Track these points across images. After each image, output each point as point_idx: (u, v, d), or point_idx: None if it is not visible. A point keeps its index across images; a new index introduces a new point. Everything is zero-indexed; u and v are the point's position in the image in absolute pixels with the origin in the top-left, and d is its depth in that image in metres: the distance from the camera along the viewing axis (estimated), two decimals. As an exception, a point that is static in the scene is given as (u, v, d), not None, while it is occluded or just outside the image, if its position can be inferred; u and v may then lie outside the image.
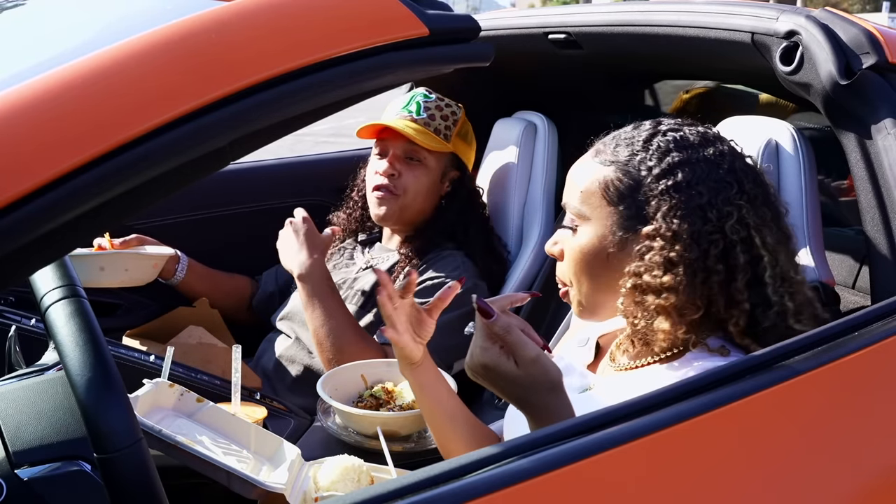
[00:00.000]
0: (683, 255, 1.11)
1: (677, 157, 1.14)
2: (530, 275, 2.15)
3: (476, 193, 2.19)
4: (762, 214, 1.14)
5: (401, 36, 0.89)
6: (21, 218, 0.69)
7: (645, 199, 1.15)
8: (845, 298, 1.67)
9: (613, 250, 1.17)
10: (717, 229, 1.11)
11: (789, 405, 0.99)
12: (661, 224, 1.12)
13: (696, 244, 1.11)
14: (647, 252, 1.13)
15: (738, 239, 1.12)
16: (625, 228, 1.16)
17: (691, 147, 1.16)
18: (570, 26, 1.92)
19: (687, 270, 1.11)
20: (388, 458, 1.34)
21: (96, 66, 0.77)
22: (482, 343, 1.09)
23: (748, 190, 1.14)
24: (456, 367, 1.99)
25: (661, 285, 1.11)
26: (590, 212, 1.19)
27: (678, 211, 1.12)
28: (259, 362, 2.10)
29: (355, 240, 2.24)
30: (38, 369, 1.19)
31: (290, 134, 0.86)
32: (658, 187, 1.14)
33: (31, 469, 0.98)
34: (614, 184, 1.17)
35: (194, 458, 1.21)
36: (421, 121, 2.08)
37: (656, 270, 1.12)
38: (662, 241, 1.12)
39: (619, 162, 1.18)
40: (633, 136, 1.20)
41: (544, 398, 1.07)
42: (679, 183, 1.13)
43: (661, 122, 1.21)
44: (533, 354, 1.07)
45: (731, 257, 1.12)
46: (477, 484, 0.80)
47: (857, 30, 1.37)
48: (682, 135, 1.17)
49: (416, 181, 2.08)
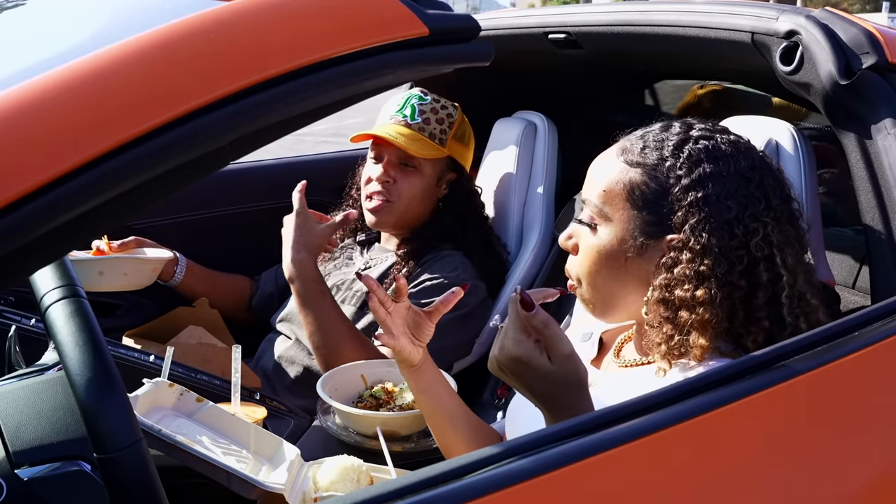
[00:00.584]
0: (714, 270, 1.09)
1: (709, 168, 1.12)
2: (530, 275, 2.15)
3: (474, 194, 2.17)
4: (786, 232, 1.13)
5: (401, 36, 0.89)
6: (21, 218, 0.69)
7: (671, 208, 1.13)
8: (845, 298, 1.67)
9: (632, 255, 1.15)
10: (742, 245, 1.11)
11: (789, 405, 0.99)
12: (689, 236, 1.11)
13: (725, 259, 1.10)
14: (674, 265, 1.12)
15: (761, 256, 1.11)
16: (647, 234, 1.15)
17: (723, 158, 1.13)
18: (570, 26, 1.92)
19: (716, 285, 1.09)
20: (387, 459, 1.34)
21: (96, 66, 0.77)
22: (516, 335, 1.06)
23: (775, 206, 1.13)
24: (456, 367, 1.99)
25: (694, 300, 1.10)
26: (612, 212, 1.17)
27: (707, 224, 1.10)
28: (259, 362, 2.10)
29: (354, 240, 2.24)
30: (38, 369, 1.19)
31: (290, 134, 0.86)
32: (687, 198, 1.12)
33: (31, 469, 0.98)
34: (640, 188, 1.15)
35: (194, 457, 1.21)
36: (415, 126, 2.06)
37: (687, 284, 1.10)
38: (691, 254, 1.10)
39: (646, 165, 1.16)
40: (664, 139, 1.17)
41: (571, 395, 1.06)
42: (709, 196, 1.11)
43: (692, 127, 1.18)
44: (567, 350, 1.06)
45: (753, 274, 1.11)
46: (477, 484, 0.80)
47: (857, 30, 1.37)
48: (715, 144, 1.15)
49: (411, 187, 2.06)
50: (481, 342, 2.02)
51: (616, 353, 1.28)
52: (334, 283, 2.10)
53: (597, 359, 1.32)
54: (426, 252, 2.05)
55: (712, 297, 1.09)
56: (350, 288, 2.07)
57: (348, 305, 2.04)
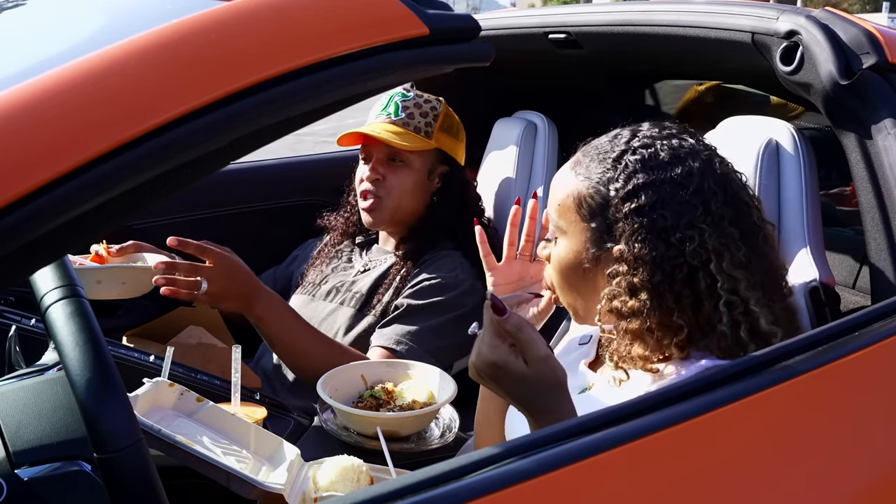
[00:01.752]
0: (647, 281, 1.10)
1: (642, 178, 1.13)
2: (530, 275, 2.14)
3: (468, 185, 2.17)
4: (727, 235, 1.12)
5: (401, 36, 0.89)
6: (21, 218, 0.69)
7: (613, 219, 1.15)
8: (845, 298, 1.67)
9: (589, 265, 1.18)
10: (679, 253, 1.10)
11: (789, 405, 0.99)
12: (625, 247, 1.12)
13: (660, 269, 1.10)
14: (615, 276, 1.14)
15: (698, 264, 1.10)
16: (597, 245, 1.17)
17: (659, 167, 1.14)
18: (570, 26, 1.92)
19: (652, 295, 1.10)
20: (387, 459, 1.34)
21: (96, 66, 0.77)
22: (491, 340, 1.08)
23: (714, 210, 1.12)
24: (456, 367, 1.99)
25: (630, 310, 1.11)
26: (566, 225, 1.20)
27: (640, 235, 1.11)
28: (259, 362, 2.10)
29: (353, 242, 2.24)
30: (38, 369, 1.18)
31: (290, 134, 0.86)
32: (623, 209, 1.13)
33: (31, 469, 0.98)
34: (586, 200, 1.17)
35: (194, 457, 1.21)
36: (399, 121, 2.06)
37: (623, 296, 1.12)
38: (627, 266, 1.12)
39: (591, 178, 1.18)
40: (607, 150, 1.19)
41: (549, 398, 1.07)
42: (642, 206, 1.12)
43: (635, 136, 1.19)
44: (542, 353, 1.06)
45: (694, 281, 1.11)
46: (477, 484, 0.80)
47: (857, 30, 1.37)
48: (653, 152, 1.15)
49: (401, 182, 2.06)
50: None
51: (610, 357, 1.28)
52: (333, 285, 2.10)
53: (594, 362, 1.32)
54: (425, 252, 2.05)
55: (644, 306, 1.10)
56: (349, 290, 2.07)
57: (347, 307, 2.04)
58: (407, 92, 2.13)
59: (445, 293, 1.95)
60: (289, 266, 2.34)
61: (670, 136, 1.19)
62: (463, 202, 2.12)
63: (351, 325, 2.00)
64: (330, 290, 2.10)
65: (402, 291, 1.98)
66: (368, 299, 2.03)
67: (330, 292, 2.10)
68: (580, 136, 1.32)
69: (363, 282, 2.07)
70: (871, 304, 1.27)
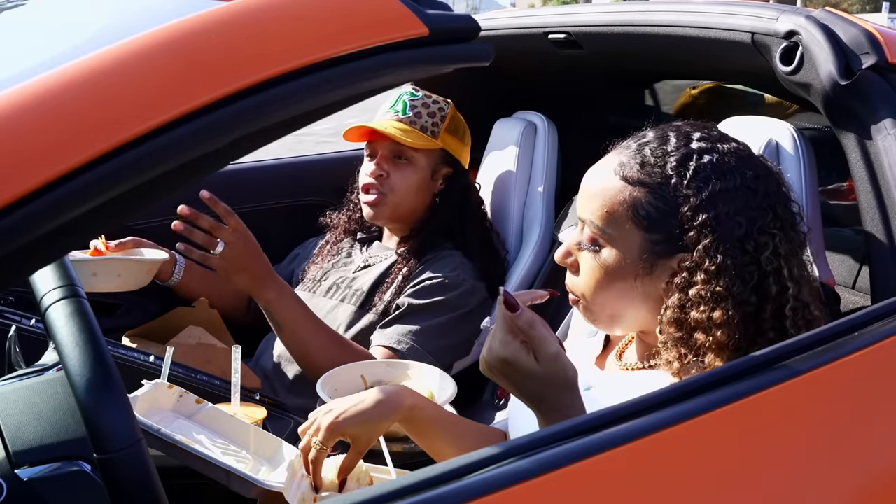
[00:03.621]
0: (730, 290, 1.08)
1: (718, 186, 1.10)
2: (530, 275, 2.15)
3: (471, 189, 2.17)
4: (792, 240, 1.12)
5: (400, 36, 0.89)
6: (21, 218, 0.69)
7: (681, 229, 1.11)
8: (845, 298, 1.67)
9: (641, 274, 1.13)
10: (754, 261, 1.09)
11: (789, 406, 0.99)
12: (702, 257, 1.09)
13: (740, 278, 1.08)
14: (688, 286, 1.10)
15: (771, 270, 1.09)
16: (656, 254, 1.12)
17: (730, 173, 1.11)
18: (570, 26, 1.92)
19: (734, 304, 1.08)
20: (387, 459, 1.34)
21: (96, 66, 0.77)
22: (503, 337, 1.05)
23: (781, 215, 1.12)
24: (456, 367, 1.99)
25: (711, 321, 1.08)
26: (615, 233, 1.14)
27: (720, 245, 1.08)
28: (258, 362, 2.10)
29: (354, 238, 2.24)
30: (38, 369, 1.18)
31: (289, 134, 0.86)
32: (697, 218, 1.09)
33: (31, 469, 0.98)
34: (645, 208, 1.12)
35: (194, 457, 1.21)
36: (406, 119, 2.08)
37: (703, 306, 1.09)
38: (706, 276, 1.09)
39: (649, 185, 1.12)
40: (664, 152, 1.14)
41: (560, 396, 1.05)
42: (720, 214, 1.09)
43: (691, 138, 1.15)
44: (554, 351, 1.04)
45: (762, 287, 1.09)
46: (477, 484, 0.80)
47: (857, 30, 1.37)
48: (719, 156, 1.12)
49: (405, 180, 2.07)
50: (480, 342, 2.03)
51: (618, 355, 1.28)
52: (334, 281, 2.11)
53: (601, 357, 1.31)
54: (427, 251, 2.05)
55: (729, 318, 1.08)
56: (350, 286, 2.07)
57: (348, 304, 2.04)
58: (416, 91, 2.13)
59: (447, 293, 1.95)
60: (289, 265, 2.34)
61: (723, 138, 1.16)
62: (464, 205, 2.13)
63: (352, 323, 2.00)
64: (330, 287, 2.10)
65: (404, 290, 1.99)
66: (369, 297, 2.03)
67: (330, 288, 2.10)
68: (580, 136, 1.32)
69: (364, 279, 2.07)
70: (871, 304, 1.27)
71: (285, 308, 1.82)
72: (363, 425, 1.27)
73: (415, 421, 1.32)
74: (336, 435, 1.27)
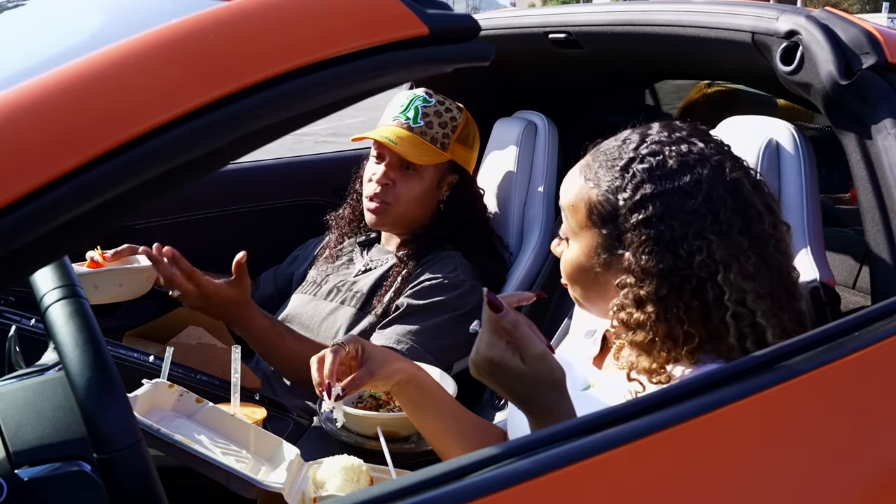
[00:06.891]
0: (653, 294, 1.10)
1: (650, 188, 1.12)
2: (531, 275, 2.14)
3: (477, 197, 2.16)
4: (736, 244, 1.11)
5: (400, 35, 0.89)
6: (21, 218, 0.69)
7: (622, 229, 1.14)
8: (845, 298, 1.67)
9: (600, 270, 1.18)
10: (687, 265, 1.10)
11: (789, 406, 0.99)
12: (632, 259, 1.12)
13: (667, 281, 1.10)
14: (623, 287, 1.14)
15: (706, 275, 1.10)
16: (608, 251, 1.17)
17: (667, 176, 1.12)
18: (570, 26, 1.92)
19: (658, 308, 1.10)
20: (388, 459, 1.34)
21: (96, 65, 0.77)
22: (488, 338, 1.08)
23: (723, 220, 1.11)
24: (456, 367, 1.99)
25: (636, 322, 1.11)
26: (577, 228, 1.20)
27: (647, 247, 1.11)
28: (259, 363, 2.10)
29: (354, 241, 2.24)
30: (38, 369, 1.18)
31: (289, 134, 0.86)
32: (631, 219, 1.13)
33: (31, 469, 0.98)
34: (597, 207, 1.17)
35: (193, 457, 1.21)
36: (417, 129, 2.04)
37: (629, 308, 1.12)
38: (634, 278, 1.12)
39: (601, 186, 1.17)
40: (616, 157, 1.18)
41: (547, 396, 1.07)
42: (650, 217, 1.11)
43: (643, 142, 1.17)
44: (539, 351, 1.06)
45: (702, 292, 1.10)
46: (477, 484, 0.80)
47: (857, 30, 1.37)
48: (661, 160, 1.14)
49: (410, 191, 2.05)
50: (480, 343, 2.02)
51: (615, 354, 1.28)
52: (335, 284, 2.10)
53: (599, 357, 1.32)
54: (426, 253, 2.05)
55: (648, 319, 1.10)
56: (350, 290, 2.07)
57: (348, 306, 2.04)
58: (429, 97, 2.09)
59: (446, 293, 1.95)
60: (289, 266, 2.34)
61: (680, 140, 1.17)
62: (469, 213, 2.12)
63: (352, 325, 2.00)
64: (331, 290, 2.10)
65: (403, 291, 1.98)
66: (369, 299, 2.03)
67: (331, 292, 2.09)
68: (580, 135, 1.32)
69: (364, 281, 2.07)
70: (871, 304, 1.27)
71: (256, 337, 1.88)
72: (379, 359, 1.36)
73: (421, 384, 1.37)
74: (357, 343, 1.35)
